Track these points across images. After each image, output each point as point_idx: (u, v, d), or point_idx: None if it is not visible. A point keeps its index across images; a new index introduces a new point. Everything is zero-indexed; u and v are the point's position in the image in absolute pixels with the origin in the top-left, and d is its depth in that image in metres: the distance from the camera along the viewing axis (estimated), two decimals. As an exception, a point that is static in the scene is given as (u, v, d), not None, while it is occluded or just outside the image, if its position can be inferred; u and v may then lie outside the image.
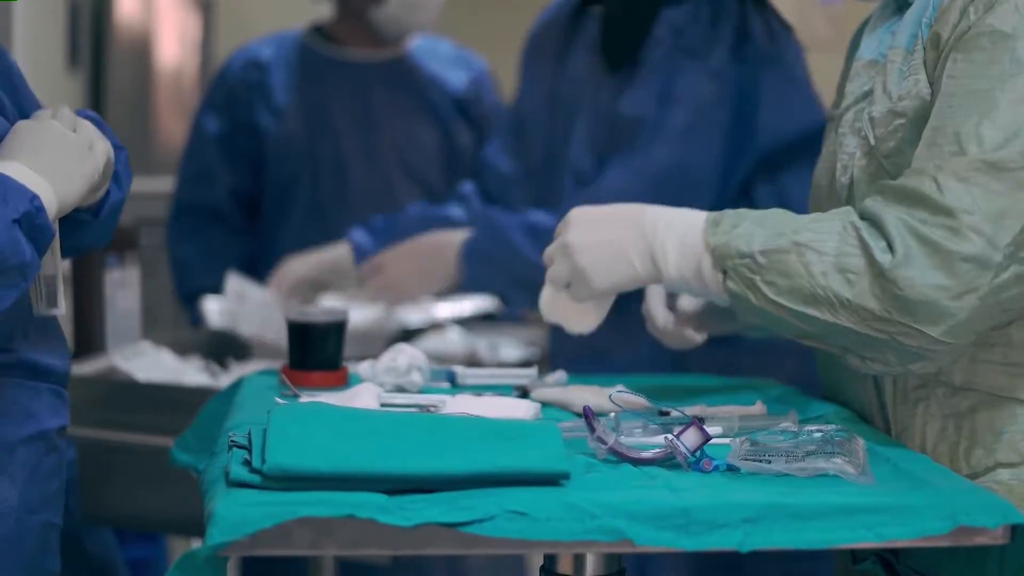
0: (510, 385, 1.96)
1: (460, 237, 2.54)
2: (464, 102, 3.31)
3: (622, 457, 1.52)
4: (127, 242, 2.96)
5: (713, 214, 1.67)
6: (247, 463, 1.43)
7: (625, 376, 2.04)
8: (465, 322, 2.99)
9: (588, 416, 1.54)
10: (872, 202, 1.58)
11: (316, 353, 1.97)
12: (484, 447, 1.44)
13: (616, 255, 1.70)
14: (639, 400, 1.70)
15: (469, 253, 2.51)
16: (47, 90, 2.31)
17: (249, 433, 1.49)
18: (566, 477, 1.43)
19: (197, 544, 1.41)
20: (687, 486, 1.43)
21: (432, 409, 1.75)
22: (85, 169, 1.59)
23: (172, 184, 3.30)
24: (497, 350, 2.79)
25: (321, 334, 1.98)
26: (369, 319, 2.75)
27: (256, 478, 1.40)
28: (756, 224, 1.63)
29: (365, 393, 1.77)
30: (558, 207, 2.44)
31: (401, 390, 1.91)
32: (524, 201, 2.58)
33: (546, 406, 1.82)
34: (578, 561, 1.51)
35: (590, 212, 1.76)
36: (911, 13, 1.69)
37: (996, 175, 1.53)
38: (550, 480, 1.42)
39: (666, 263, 1.68)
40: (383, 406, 1.76)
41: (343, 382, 1.97)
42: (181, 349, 2.63)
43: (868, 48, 1.78)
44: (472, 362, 2.60)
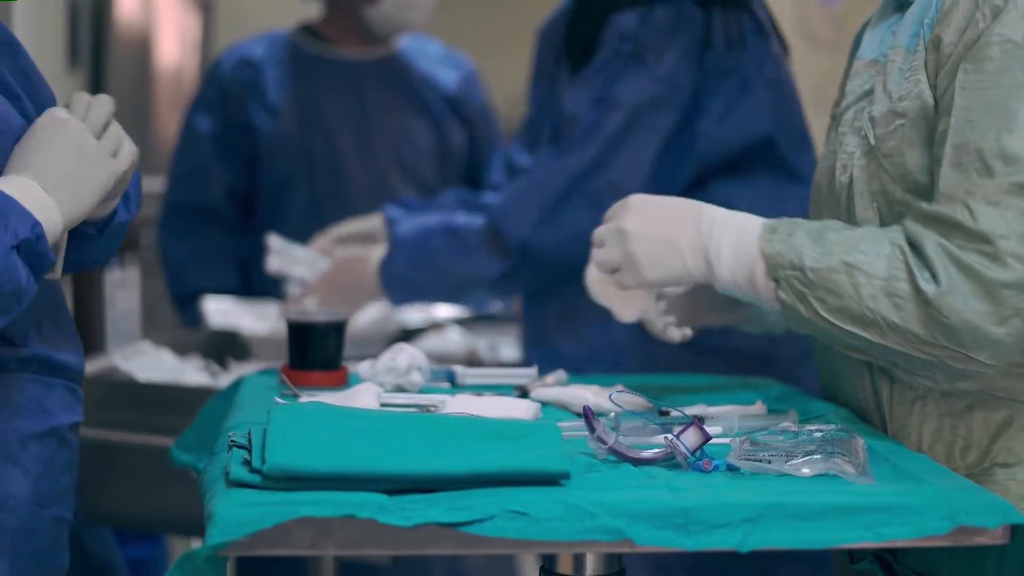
0: (510, 385, 1.96)
1: (377, 258, 2.55)
2: (455, 100, 3.32)
3: (622, 457, 1.52)
4: (127, 242, 2.96)
5: (769, 221, 1.68)
6: (247, 463, 1.43)
7: (625, 376, 2.05)
8: (465, 322, 3.00)
9: (588, 416, 1.54)
10: (911, 225, 1.58)
11: (316, 353, 1.98)
12: (484, 447, 1.44)
13: (670, 248, 1.70)
14: (639, 400, 1.71)
15: (386, 277, 2.53)
16: (47, 90, 2.30)
17: (249, 433, 1.49)
18: (566, 477, 1.43)
19: (197, 544, 1.41)
20: (687, 486, 1.43)
21: (432, 409, 1.75)
22: (100, 179, 1.59)
23: (170, 184, 3.29)
24: (497, 350, 2.80)
25: (321, 334, 1.98)
26: (369, 319, 2.75)
27: (256, 478, 1.40)
28: (810, 237, 1.63)
29: (365, 393, 1.77)
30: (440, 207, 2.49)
31: (401, 390, 1.91)
32: None
33: (546, 406, 1.82)
34: (578, 561, 1.51)
35: (650, 201, 1.75)
36: (912, 13, 1.69)
37: None
38: (550, 480, 1.42)
39: (719, 264, 1.69)
40: (383, 406, 1.76)
41: (343, 382, 1.97)
42: (181, 349, 2.63)
43: (869, 47, 1.78)
44: (472, 362, 2.60)
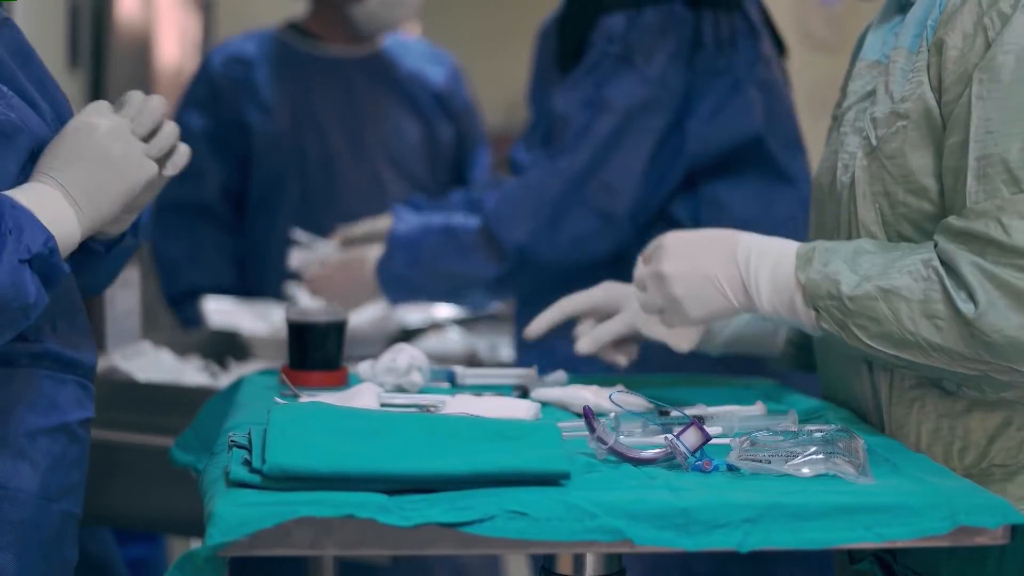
0: (510, 385, 1.96)
1: (374, 258, 2.55)
2: (442, 97, 3.32)
3: (622, 457, 1.52)
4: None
5: (804, 248, 1.68)
6: (247, 463, 1.43)
7: (625, 376, 2.05)
8: (465, 322, 3.00)
9: (588, 416, 1.54)
10: (944, 244, 1.58)
11: (316, 353, 1.98)
12: (484, 447, 1.44)
13: (711, 286, 1.71)
14: (639, 400, 1.71)
15: (384, 275, 2.53)
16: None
17: (249, 433, 1.49)
18: (566, 477, 1.43)
19: (197, 544, 1.41)
20: (687, 486, 1.43)
21: (432, 409, 1.75)
22: (124, 187, 1.60)
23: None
24: (497, 350, 2.80)
25: (321, 334, 1.98)
26: (369, 319, 2.75)
27: (256, 478, 1.40)
28: (846, 264, 1.63)
29: (365, 393, 1.77)
30: (441, 207, 2.49)
31: (401, 390, 1.91)
32: None
33: (546, 406, 1.82)
34: (578, 561, 1.51)
35: (682, 239, 1.76)
36: (914, 14, 1.69)
37: None
38: (550, 480, 1.42)
39: (759, 296, 1.69)
40: (383, 406, 1.76)
41: (343, 382, 1.97)
42: (181, 349, 2.63)
43: (871, 48, 1.78)
44: (472, 362, 2.60)
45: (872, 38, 1.79)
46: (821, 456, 1.48)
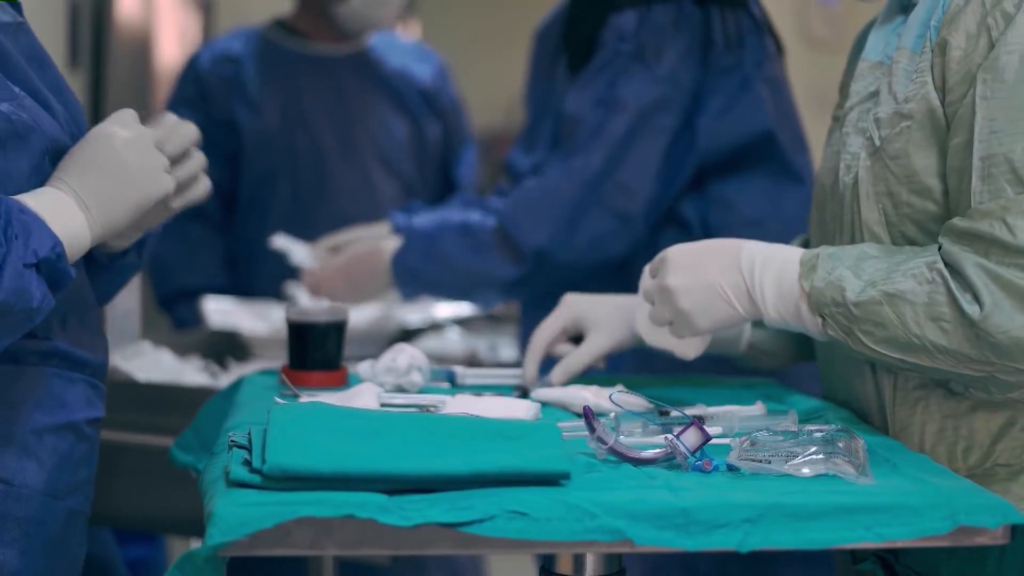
0: (510, 385, 1.96)
1: (390, 250, 2.54)
2: (429, 94, 3.32)
3: (622, 457, 1.52)
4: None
5: (807, 255, 1.67)
6: (247, 463, 1.43)
7: (625, 376, 2.05)
8: (465, 322, 2.99)
9: (588, 416, 1.54)
10: (949, 246, 1.58)
11: (316, 353, 1.98)
12: (484, 447, 1.44)
13: (717, 297, 1.71)
14: (639, 400, 1.71)
15: (398, 268, 2.52)
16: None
17: (249, 433, 1.49)
18: (566, 477, 1.43)
19: (197, 544, 1.41)
20: (687, 486, 1.43)
21: (432, 409, 1.75)
22: (138, 196, 1.61)
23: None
24: (497, 350, 2.79)
25: (321, 334, 1.98)
26: (369, 319, 2.75)
27: (256, 478, 1.40)
28: (850, 270, 1.63)
29: (365, 393, 1.77)
30: (456, 206, 2.48)
31: (401, 390, 1.91)
32: None
33: (546, 406, 1.82)
34: (578, 561, 1.51)
35: (685, 252, 1.75)
36: (916, 15, 1.68)
37: None
38: (550, 480, 1.42)
39: (765, 304, 1.69)
40: (383, 406, 1.76)
41: (343, 382, 1.97)
42: (181, 349, 2.63)
43: (874, 49, 1.77)
44: (472, 362, 2.60)
45: (874, 39, 1.79)
46: (821, 456, 1.48)
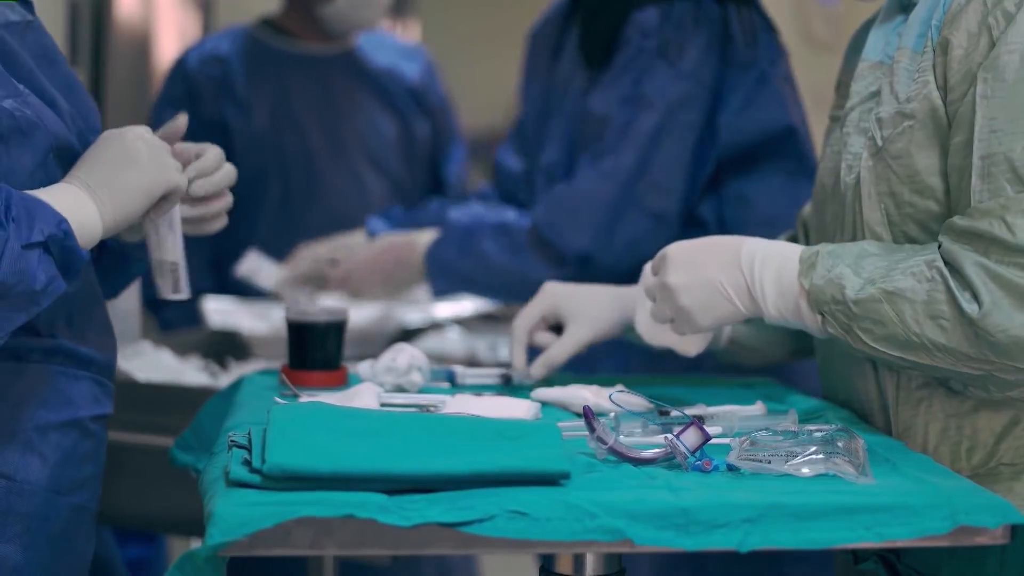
0: (497, 382, 1.96)
1: (424, 242, 2.53)
2: (418, 92, 3.31)
3: (622, 457, 1.52)
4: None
5: (807, 253, 1.68)
6: (247, 463, 1.43)
7: (625, 376, 2.05)
8: (465, 322, 2.99)
9: (588, 416, 1.54)
10: (948, 245, 1.58)
11: (316, 353, 1.97)
12: (484, 447, 1.44)
13: (717, 294, 1.71)
14: (639, 400, 1.71)
15: (432, 261, 2.51)
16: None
17: (249, 433, 1.49)
18: (566, 477, 1.43)
19: (197, 544, 1.41)
20: (687, 486, 1.43)
21: (432, 409, 1.75)
22: (146, 181, 1.62)
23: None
24: (497, 350, 2.79)
25: (321, 334, 1.98)
26: (369, 319, 2.75)
27: (256, 478, 1.40)
28: (850, 268, 1.63)
29: (365, 393, 1.77)
30: (492, 205, 2.47)
31: (401, 390, 1.91)
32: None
33: (546, 406, 1.82)
34: (578, 561, 1.51)
35: (685, 249, 1.75)
36: (917, 14, 1.68)
37: None
38: (550, 480, 1.42)
39: (766, 302, 1.69)
40: (383, 406, 1.76)
41: (343, 382, 1.97)
42: (181, 349, 2.63)
43: (874, 49, 1.77)
44: (472, 362, 2.59)
45: (873, 38, 1.79)
46: (821, 456, 1.48)
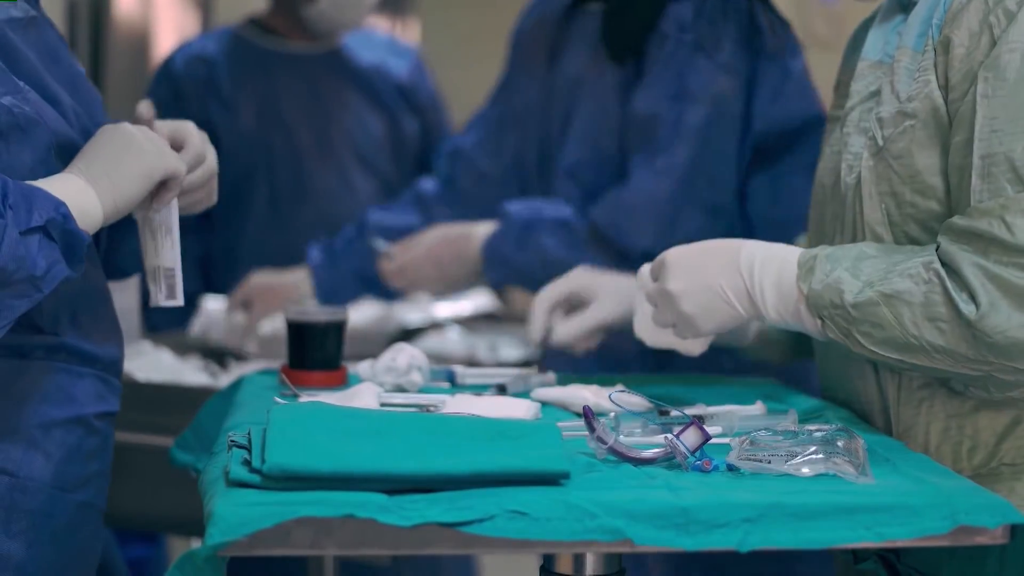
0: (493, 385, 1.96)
1: (482, 234, 2.51)
2: (406, 89, 3.30)
3: (622, 457, 1.52)
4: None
5: (805, 256, 1.68)
6: (247, 463, 1.43)
7: (625, 376, 2.05)
8: (465, 322, 2.99)
9: (588, 416, 1.54)
10: (947, 246, 1.58)
11: (316, 353, 1.97)
12: (484, 447, 1.44)
13: (718, 299, 1.72)
14: (639, 400, 1.71)
15: (491, 253, 2.49)
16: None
17: (249, 433, 1.49)
18: (566, 477, 1.43)
19: (197, 544, 1.41)
20: (687, 486, 1.43)
21: (432, 409, 1.75)
22: (144, 164, 1.64)
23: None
24: (497, 350, 2.79)
25: (321, 334, 1.98)
26: (369, 319, 2.75)
27: (256, 478, 1.39)
28: (848, 271, 1.63)
29: (365, 393, 1.77)
30: (550, 200, 2.45)
31: (401, 390, 1.91)
32: (499, 199, 2.56)
33: (546, 406, 1.82)
34: (578, 561, 1.51)
35: (685, 255, 1.76)
36: (917, 13, 1.68)
37: None
38: (550, 480, 1.42)
39: (766, 306, 1.70)
40: (383, 406, 1.76)
41: (343, 382, 1.97)
42: (181, 349, 2.63)
43: (874, 48, 1.77)
44: (472, 362, 2.59)
45: (873, 38, 1.79)
46: (821, 456, 1.48)
